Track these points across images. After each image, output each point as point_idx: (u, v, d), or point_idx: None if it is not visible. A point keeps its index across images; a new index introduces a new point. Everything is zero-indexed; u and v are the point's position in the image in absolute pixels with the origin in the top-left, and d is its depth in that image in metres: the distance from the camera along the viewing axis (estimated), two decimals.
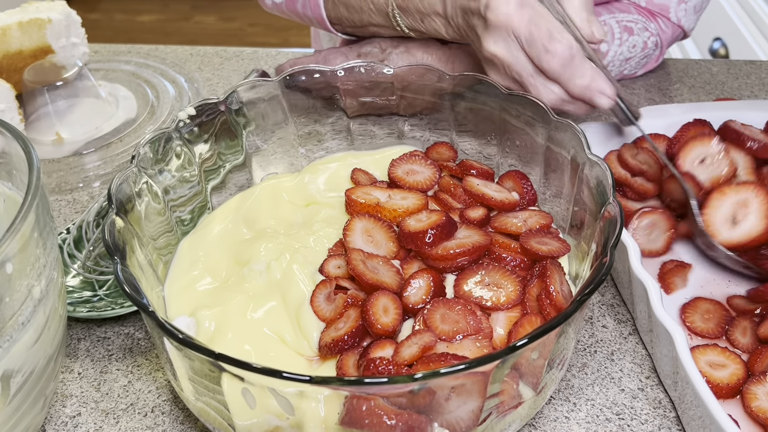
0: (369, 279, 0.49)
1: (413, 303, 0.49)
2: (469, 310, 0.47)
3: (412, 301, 0.49)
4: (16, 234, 0.39)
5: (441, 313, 0.47)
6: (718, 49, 1.64)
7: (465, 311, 0.47)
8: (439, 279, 0.51)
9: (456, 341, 0.46)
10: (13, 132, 0.47)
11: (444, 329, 0.46)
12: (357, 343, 0.47)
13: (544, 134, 0.58)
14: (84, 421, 0.53)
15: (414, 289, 0.49)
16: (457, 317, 0.47)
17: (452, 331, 0.46)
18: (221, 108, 0.61)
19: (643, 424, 0.52)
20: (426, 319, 0.47)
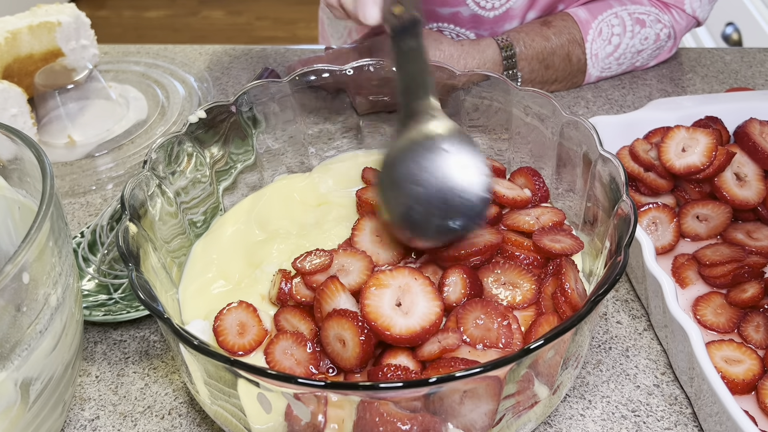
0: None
1: (454, 302, 0.48)
2: (505, 323, 0.46)
3: (452, 301, 0.48)
4: (31, 244, 0.39)
5: (476, 316, 0.46)
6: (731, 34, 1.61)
7: (501, 321, 0.46)
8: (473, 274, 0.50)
9: (479, 349, 0.45)
10: (26, 140, 0.47)
11: (474, 333, 0.46)
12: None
13: (556, 130, 0.58)
14: (102, 424, 0.53)
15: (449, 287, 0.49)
16: (491, 325, 0.46)
17: (481, 337, 0.46)
18: (232, 109, 0.62)
19: (659, 420, 0.52)
20: (459, 317, 0.46)
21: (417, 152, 0.49)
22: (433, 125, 0.50)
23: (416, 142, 0.49)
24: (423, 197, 0.48)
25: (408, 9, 0.55)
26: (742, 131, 0.64)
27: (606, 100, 0.86)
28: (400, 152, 0.49)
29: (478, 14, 0.87)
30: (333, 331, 0.45)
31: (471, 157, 0.48)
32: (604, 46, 0.84)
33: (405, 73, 0.53)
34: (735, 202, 0.61)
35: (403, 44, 0.54)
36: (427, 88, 0.52)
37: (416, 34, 0.54)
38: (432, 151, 0.48)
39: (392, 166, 0.49)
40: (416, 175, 0.48)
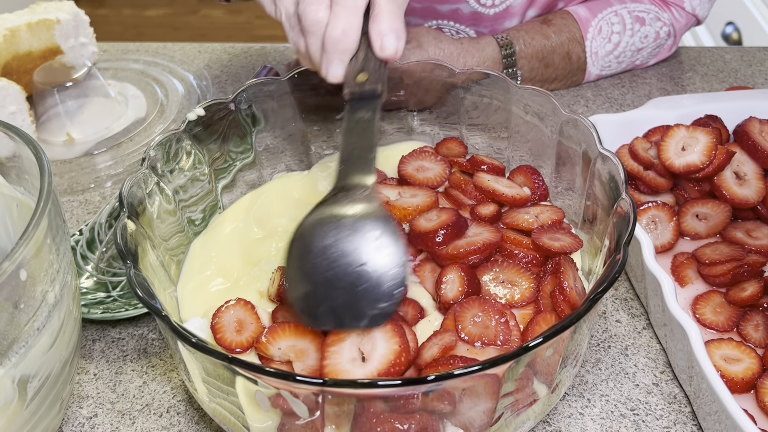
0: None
1: (451, 299, 0.48)
2: (503, 320, 0.46)
3: (449, 298, 0.48)
4: (29, 241, 0.39)
5: (473, 314, 0.46)
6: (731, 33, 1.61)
7: (499, 319, 0.46)
8: (471, 272, 0.50)
9: (477, 347, 0.45)
10: (24, 137, 0.47)
11: (472, 331, 0.45)
12: None
13: (555, 128, 0.58)
14: (101, 422, 0.53)
15: (447, 284, 0.49)
16: (489, 323, 0.46)
17: (479, 335, 0.45)
18: (230, 107, 0.61)
19: (658, 419, 0.52)
20: (457, 315, 0.46)
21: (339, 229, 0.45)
22: (362, 207, 0.46)
23: (340, 218, 0.45)
24: (329, 280, 0.43)
25: (372, 80, 0.53)
26: (741, 130, 0.64)
27: (606, 98, 0.86)
28: (321, 224, 0.45)
29: (478, 11, 0.87)
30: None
31: (392, 249, 0.44)
32: (603, 45, 0.84)
33: (350, 143, 0.50)
34: (734, 200, 0.61)
35: (357, 113, 0.52)
36: (369, 165, 0.49)
37: (373, 107, 0.52)
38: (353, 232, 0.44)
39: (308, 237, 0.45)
40: (329, 253, 0.44)
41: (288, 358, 0.45)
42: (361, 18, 0.53)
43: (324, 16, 0.53)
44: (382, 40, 0.53)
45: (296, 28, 0.56)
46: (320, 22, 0.53)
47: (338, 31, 0.52)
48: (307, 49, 0.56)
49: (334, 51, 0.53)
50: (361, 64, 0.53)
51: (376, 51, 0.53)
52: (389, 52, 0.53)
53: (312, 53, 0.55)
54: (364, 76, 0.53)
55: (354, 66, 0.54)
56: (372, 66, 0.53)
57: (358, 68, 0.53)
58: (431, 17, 0.89)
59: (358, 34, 0.53)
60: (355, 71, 0.53)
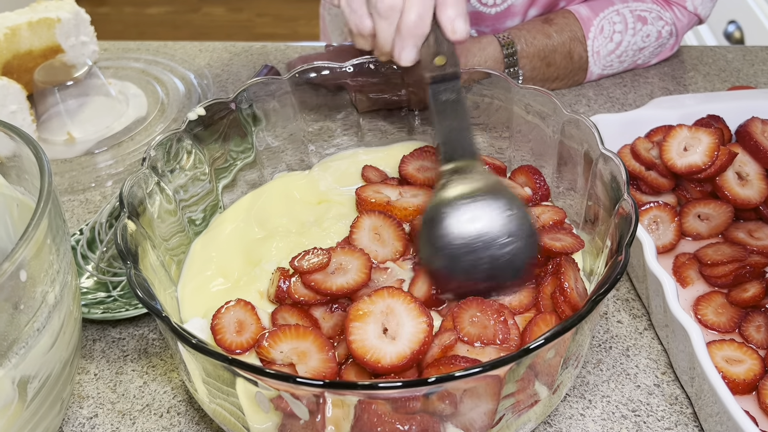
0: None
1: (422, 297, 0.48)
2: (501, 319, 0.46)
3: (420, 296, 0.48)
4: (29, 241, 0.39)
5: (471, 314, 0.46)
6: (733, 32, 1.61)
7: (497, 318, 0.46)
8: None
9: (477, 346, 0.45)
10: (24, 137, 0.47)
11: (470, 331, 0.45)
12: None
13: (557, 128, 0.58)
14: (101, 422, 0.53)
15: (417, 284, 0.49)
16: (487, 322, 0.46)
17: (478, 335, 0.45)
18: (231, 106, 0.61)
19: (660, 420, 0.52)
20: (455, 316, 0.46)
21: (471, 207, 0.49)
22: (487, 179, 0.50)
23: (470, 195, 0.50)
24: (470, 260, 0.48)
25: (451, 62, 0.56)
26: (743, 130, 0.63)
27: (607, 98, 0.86)
28: (450, 207, 0.49)
29: (479, 11, 0.87)
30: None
31: (524, 221, 0.49)
32: (605, 44, 0.84)
33: (445, 126, 0.54)
34: (737, 201, 0.61)
35: (442, 95, 0.55)
36: (473, 147, 0.53)
37: (457, 88, 0.55)
38: (490, 206, 0.49)
39: (441, 219, 0.49)
40: (466, 234, 0.48)
41: (290, 361, 0.45)
42: (433, 4, 0.55)
43: (399, 3, 0.55)
44: (453, 24, 0.55)
45: (360, 11, 0.58)
46: (395, 8, 0.55)
47: (414, 16, 0.54)
48: (376, 33, 0.58)
49: (410, 35, 0.55)
50: (435, 48, 0.56)
51: (448, 35, 0.55)
52: (460, 34, 0.55)
53: (383, 37, 0.57)
54: (442, 59, 0.55)
55: (428, 50, 0.56)
56: (446, 49, 0.56)
57: (433, 52, 0.56)
58: None
59: (431, 19, 0.55)
60: (431, 55, 0.56)
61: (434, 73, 0.55)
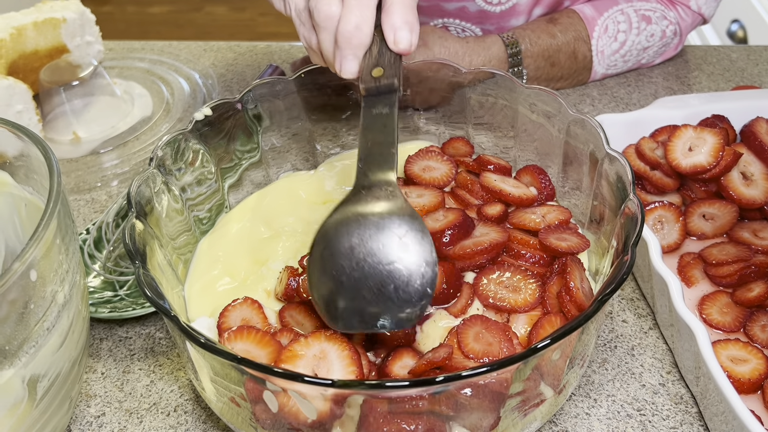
0: None
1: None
2: (506, 336, 0.46)
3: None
4: (39, 241, 0.39)
5: (476, 331, 0.46)
6: (736, 31, 1.61)
7: (502, 336, 0.45)
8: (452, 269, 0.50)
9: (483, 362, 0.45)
10: (32, 136, 0.47)
11: (474, 348, 0.45)
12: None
13: (562, 128, 0.58)
14: (108, 420, 0.53)
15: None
16: (492, 340, 0.45)
17: (483, 352, 0.45)
18: (237, 107, 0.62)
19: (665, 419, 0.52)
20: (459, 332, 0.46)
21: (364, 227, 0.44)
22: (386, 204, 0.45)
23: (365, 216, 0.44)
24: (356, 280, 0.43)
25: (388, 74, 0.51)
26: (748, 130, 0.64)
27: (611, 97, 0.86)
28: (345, 223, 0.44)
29: (484, 9, 0.87)
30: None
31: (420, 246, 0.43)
32: (609, 43, 0.84)
33: (369, 140, 0.49)
34: (742, 201, 0.61)
35: (374, 108, 0.51)
36: (391, 162, 0.48)
37: (391, 102, 0.50)
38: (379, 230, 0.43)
39: (332, 237, 0.44)
40: (355, 253, 0.43)
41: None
42: (374, 11, 0.52)
43: (336, 11, 0.52)
44: (396, 34, 0.52)
45: (307, 24, 0.55)
46: (333, 17, 0.52)
47: (351, 26, 0.51)
48: (320, 45, 0.54)
49: (348, 46, 0.52)
50: (376, 59, 0.52)
51: (390, 45, 0.52)
52: (403, 45, 0.52)
53: (324, 49, 0.54)
54: (379, 71, 0.52)
55: (368, 61, 0.52)
56: (387, 60, 0.52)
57: (372, 63, 0.52)
58: (437, 15, 0.89)
59: (372, 28, 0.52)
60: (369, 66, 0.52)
61: (368, 85, 0.51)
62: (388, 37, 0.52)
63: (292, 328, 0.49)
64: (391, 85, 0.51)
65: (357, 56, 0.52)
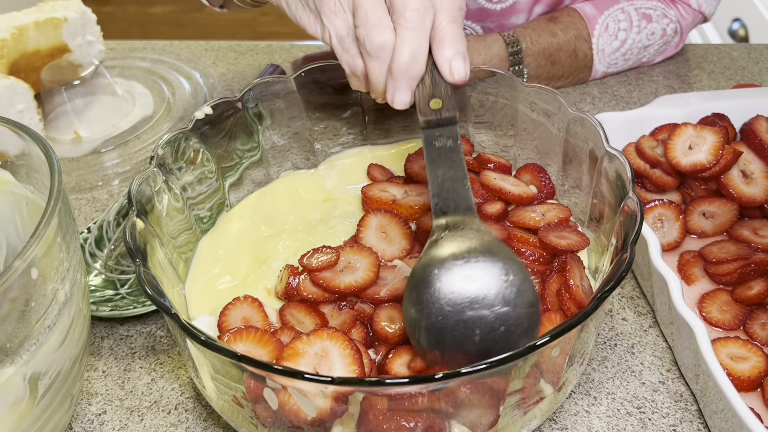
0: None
1: None
2: None
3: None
4: (40, 239, 0.40)
5: None
6: (738, 29, 1.61)
7: None
8: None
9: None
10: (34, 135, 0.48)
11: None
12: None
13: (562, 126, 0.58)
14: (109, 418, 0.54)
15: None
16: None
17: None
18: (238, 105, 0.62)
19: (665, 417, 0.52)
20: None
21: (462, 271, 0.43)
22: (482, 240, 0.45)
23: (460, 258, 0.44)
24: (464, 323, 0.42)
25: (447, 106, 0.50)
26: (748, 128, 0.64)
27: (612, 96, 0.86)
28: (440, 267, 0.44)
29: (484, 7, 0.87)
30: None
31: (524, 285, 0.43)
32: (610, 42, 0.84)
33: (439, 176, 0.48)
34: (742, 199, 0.61)
35: (437, 141, 0.49)
36: (469, 199, 0.47)
37: (454, 134, 0.49)
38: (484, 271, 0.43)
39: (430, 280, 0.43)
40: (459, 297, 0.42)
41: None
42: (428, 41, 0.50)
43: (390, 39, 0.50)
44: (451, 65, 0.50)
45: (352, 51, 0.53)
46: (386, 47, 0.50)
47: (407, 56, 0.49)
48: (368, 73, 0.53)
49: (403, 77, 0.50)
50: (430, 89, 0.51)
51: (446, 76, 0.51)
52: (459, 76, 0.50)
53: (375, 78, 0.52)
54: (438, 103, 0.50)
55: (423, 91, 0.51)
56: (443, 91, 0.51)
57: (428, 93, 0.51)
58: None
59: (426, 58, 0.51)
60: (426, 97, 0.51)
61: (429, 118, 0.50)
62: (443, 68, 0.51)
63: (293, 327, 0.49)
64: (452, 117, 0.50)
65: (411, 87, 0.51)
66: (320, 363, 0.43)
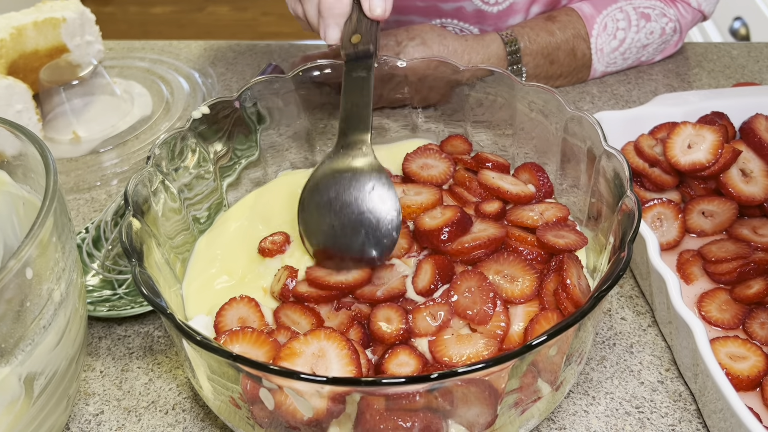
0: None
1: (422, 290, 0.49)
2: (492, 298, 0.47)
3: (420, 288, 0.49)
4: (35, 239, 0.39)
5: (468, 287, 0.48)
6: (739, 28, 1.61)
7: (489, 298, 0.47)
8: (445, 262, 0.50)
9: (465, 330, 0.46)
10: (30, 136, 0.47)
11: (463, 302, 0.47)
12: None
13: (560, 125, 0.58)
14: (107, 418, 0.54)
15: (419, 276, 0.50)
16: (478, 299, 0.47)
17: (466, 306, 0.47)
18: (235, 105, 0.62)
19: (663, 417, 0.52)
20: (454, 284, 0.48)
21: (340, 183, 0.52)
22: (361, 161, 0.53)
23: (341, 173, 0.52)
24: (339, 226, 0.51)
25: (365, 40, 0.58)
26: (748, 127, 0.63)
27: (611, 95, 0.86)
28: (325, 179, 0.53)
29: (481, 9, 0.87)
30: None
31: (388, 196, 0.51)
32: (609, 41, 0.83)
33: (349, 102, 0.56)
34: (741, 198, 0.61)
35: (353, 72, 0.57)
36: (366, 122, 0.54)
37: (368, 66, 0.57)
38: (354, 184, 0.51)
39: (315, 191, 0.53)
40: (336, 204, 0.51)
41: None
42: None
43: None
44: (370, 2, 0.58)
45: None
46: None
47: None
48: (305, 15, 0.62)
49: (330, 15, 0.59)
50: (354, 26, 0.59)
51: (366, 12, 0.59)
52: (378, 12, 0.58)
53: (310, 18, 0.61)
54: (357, 38, 0.58)
55: (348, 28, 0.59)
56: (364, 27, 0.58)
57: (351, 30, 0.59)
58: (434, 16, 0.89)
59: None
60: (349, 33, 0.59)
61: (348, 51, 0.58)
62: (363, 5, 0.58)
63: (289, 327, 0.49)
64: (368, 50, 0.57)
65: (338, 24, 0.59)
66: (317, 363, 0.43)
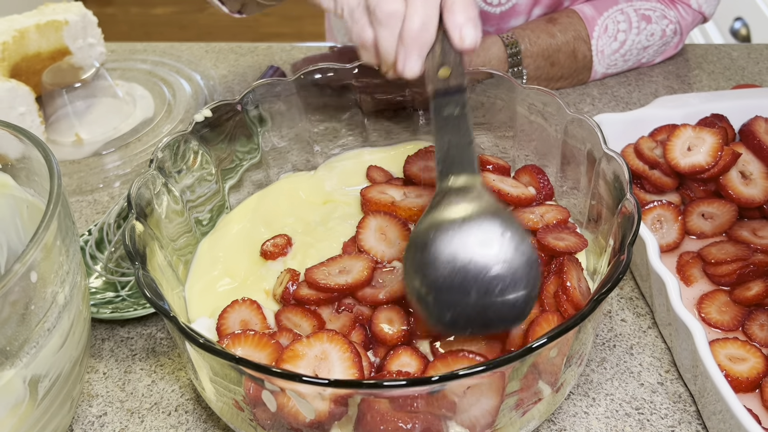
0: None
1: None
2: None
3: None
4: (39, 243, 0.40)
5: None
6: (740, 29, 1.61)
7: None
8: None
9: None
10: (33, 139, 0.48)
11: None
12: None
13: (560, 128, 0.58)
14: (110, 420, 0.54)
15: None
16: None
17: None
18: (237, 108, 0.62)
19: (663, 418, 0.52)
20: None
21: (460, 233, 0.43)
22: (478, 206, 0.45)
23: (459, 222, 0.44)
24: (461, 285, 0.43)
25: (456, 74, 0.51)
26: (747, 129, 0.64)
27: (612, 97, 0.86)
28: (439, 231, 0.44)
29: (484, 10, 0.87)
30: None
31: (521, 244, 0.43)
32: (609, 43, 0.84)
33: (445, 141, 0.49)
34: (741, 200, 0.61)
35: (445, 109, 0.50)
36: (473, 163, 0.47)
37: (462, 102, 0.50)
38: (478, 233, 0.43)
39: (429, 244, 0.44)
40: (457, 259, 0.43)
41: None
42: (438, 9, 0.51)
43: (401, 8, 0.51)
44: (461, 31, 0.51)
45: (362, 21, 0.54)
46: (397, 15, 0.51)
47: (417, 24, 0.50)
48: (377, 43, 0.53)
49: (413, 45, 0.51)
50: (440, 58, 0.51)
51: (456, 43, 0.51)
52: (469, 42, 0.51)
53: (385, 47, 0.53)
54: (446, 71, 0.51)
55: (432, 60, 0.52)
56: (452, 60, 0.51)
57: (437, 62, 0.51)
58: None
59: (436, 26, 0.51)
60: (435, 66, 0.51)
61: (437, 86, 0.51)
62: (453, 35, 0.51)
63: (291, 330, 0.49)
64: (460, 84, 0.50)
65: (422, 55, 0.52)
66: (320, 365, 0.43)
